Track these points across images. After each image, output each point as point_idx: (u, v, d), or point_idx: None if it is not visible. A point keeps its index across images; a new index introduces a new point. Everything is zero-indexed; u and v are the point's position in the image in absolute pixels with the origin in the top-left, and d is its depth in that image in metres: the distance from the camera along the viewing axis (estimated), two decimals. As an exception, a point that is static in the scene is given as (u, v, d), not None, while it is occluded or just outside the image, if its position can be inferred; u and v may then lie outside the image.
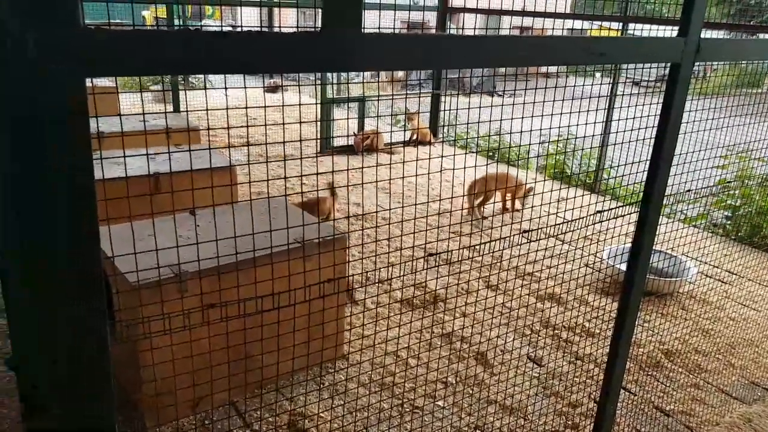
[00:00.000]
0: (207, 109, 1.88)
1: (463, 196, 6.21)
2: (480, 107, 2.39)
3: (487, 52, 1.59)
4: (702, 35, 2.08)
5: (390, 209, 3.49)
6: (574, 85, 2.50)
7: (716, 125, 3.11)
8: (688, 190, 3.01)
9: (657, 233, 2.39)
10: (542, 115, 2.39)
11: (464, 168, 2.53)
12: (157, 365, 2.44)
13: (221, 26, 16.95)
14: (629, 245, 2.41)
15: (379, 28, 2.91)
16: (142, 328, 2.26)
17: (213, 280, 2.57)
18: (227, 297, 2.47)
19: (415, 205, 2.82)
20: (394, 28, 10.03)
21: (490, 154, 8.53)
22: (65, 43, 0.95)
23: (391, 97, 8.52)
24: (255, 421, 3.13)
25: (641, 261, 2.37)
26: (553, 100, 2.40)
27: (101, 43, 1.03)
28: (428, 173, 2.27)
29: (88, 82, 1.02)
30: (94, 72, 1.03)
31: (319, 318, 2.67)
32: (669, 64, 2.11)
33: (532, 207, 6.54)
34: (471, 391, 3.49)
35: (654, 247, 2.44)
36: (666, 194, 2.32)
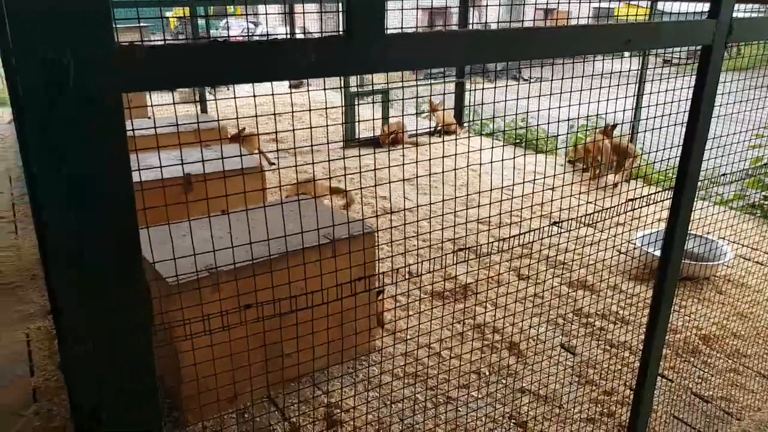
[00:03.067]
0: (237, 117, 1.91)
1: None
2: (504, 98, 2.37)
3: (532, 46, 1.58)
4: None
5: (418, 205, 3.49)
6: (602, 72, 2.46)
7: (751, 104, 3.03)
8: (723, 174, 2.95)
9: (692, 218, 2.35)
10: (567, 103, 2.35)
11: (491, 161, 2.53)
12: (195, 364, 2.50)
13: (247, 23, 17.06)
14: (663, 230, 2.38)
15: (401, 23, 2.91)
16: (184, 331, 2.31)
17: (245, 281, 2.61)
18: (255, 296, 2.51)
19: (443, 200, 2.82)
20: (417, 23, 9.95)
21: (517, 141, 8.45)
22: (101, 62, 0.98)
23: (415, 85, 8.49)
24: (293, 415, 3.19)
25: (676, 246, 2.33)
26: (579, 88, 2.37)
27: (137, 61, 1.06)
28: (455, 168, 2.28)
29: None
30: (130, 88, 1.06)
31: (351, 314, 2.70)
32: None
33: (562, 197, 6.48)
34: (504, 382, 3.49)
35: (689, 232, 2.40)
36: (700, 178, 2.28)
